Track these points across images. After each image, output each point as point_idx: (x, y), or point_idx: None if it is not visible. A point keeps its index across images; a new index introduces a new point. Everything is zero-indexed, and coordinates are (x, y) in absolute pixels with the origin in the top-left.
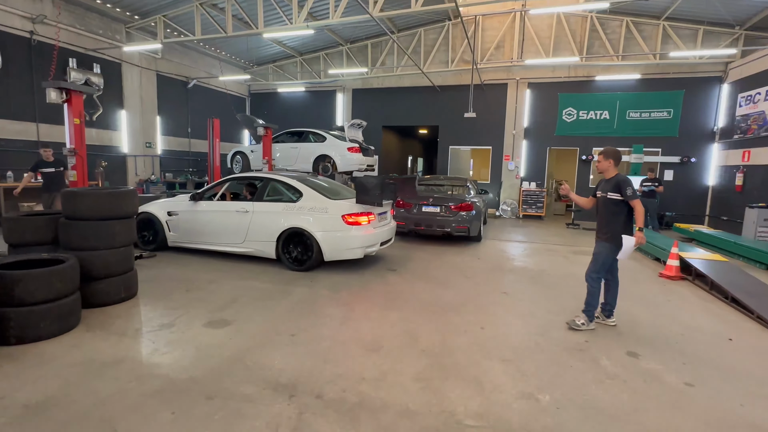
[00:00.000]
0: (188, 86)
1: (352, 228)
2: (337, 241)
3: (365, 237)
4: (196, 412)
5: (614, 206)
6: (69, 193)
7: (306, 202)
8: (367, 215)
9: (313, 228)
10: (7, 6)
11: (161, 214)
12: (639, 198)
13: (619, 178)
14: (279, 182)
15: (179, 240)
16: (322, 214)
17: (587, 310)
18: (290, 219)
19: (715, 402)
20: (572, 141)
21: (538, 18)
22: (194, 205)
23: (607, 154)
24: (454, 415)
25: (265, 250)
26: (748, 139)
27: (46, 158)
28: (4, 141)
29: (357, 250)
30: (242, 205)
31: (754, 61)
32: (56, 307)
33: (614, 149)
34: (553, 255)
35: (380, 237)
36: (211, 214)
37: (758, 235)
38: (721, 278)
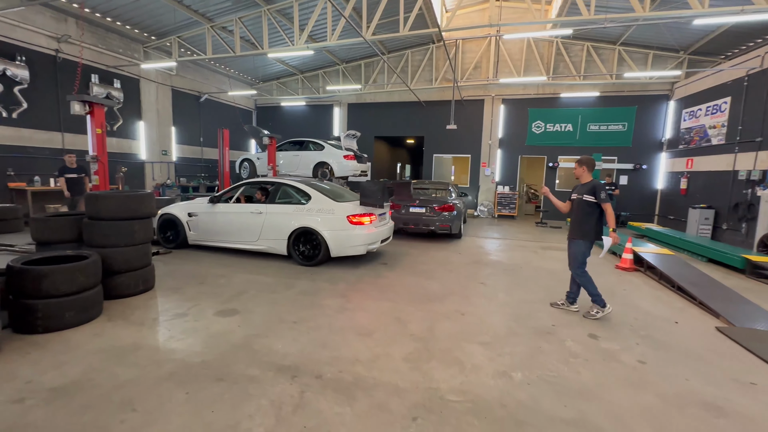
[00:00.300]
0: (200, 100)
1: (356, 227)
2: (343, 239)
3: (368, 235)
4: (207, 392)
5: (588, 208)
6: (92, 195)
7: (314, 204)
8: (369, 216)
9: (321, 227)
10: (35, 27)
11: (182, 215)
12: (610, 202)
13: (594, 183)
14: (290, 186)
15: (198, 238)
16: (329, 215)
17: (595, 300)
18: (300, 219)
19: (664, 377)
20: (541, 150)
21: (511, 42)
22: (213, 207)
23: (582, 162)
24: (438, 391)
25: (277, 247)
26: (691, 148)
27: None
28: (33, 149)
29: (360, 247)
30: (256, 207)
31: (695, 81)
32: (80, 299)
33: (589, 158)
34: (524, 250)
35: (381, 235)
36: (228, 216)
37: (699, 232)
38: (668, 270)
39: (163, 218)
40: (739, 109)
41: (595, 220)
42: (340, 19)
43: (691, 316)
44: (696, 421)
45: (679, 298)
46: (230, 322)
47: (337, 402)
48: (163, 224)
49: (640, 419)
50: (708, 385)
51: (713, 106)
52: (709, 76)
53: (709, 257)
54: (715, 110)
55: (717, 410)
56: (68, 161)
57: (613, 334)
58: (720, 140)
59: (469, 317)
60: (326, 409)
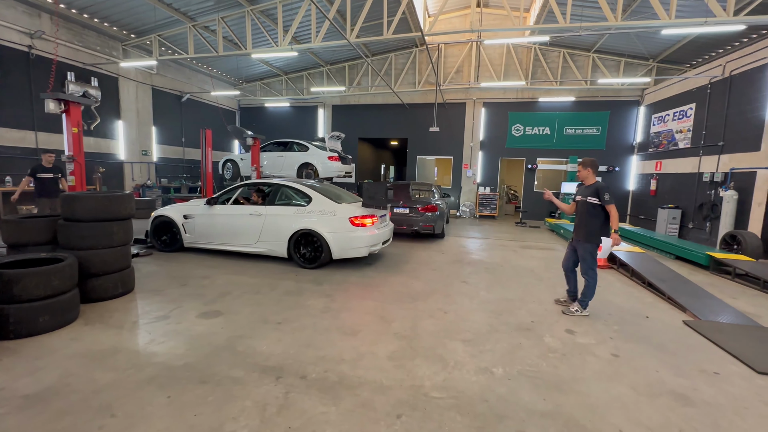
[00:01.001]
0: (182, 100)
1: (358, 229)
2: (345, 241)
3: (370, 237)
4: (190, 395)
5: (593, 210)
6: (68, 196)
7: (315, 205)
8: (371, 217)
9: (323, 229)
10: (6, 21)
11: (177, 217)
12: (614, 204)
13: (598, 185)
14: (290, 188)
15: (194, 241)
16: (330, 217)
17: (584, 301)
18: (301, 221)
19: (636, 369)
20: (520, 152)
21: (491, 47)
22: (209, 209)
23: (586, 164)
24: (422, 388)
25: (277, 249)
26: (660, 152)
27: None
28: (3, 148)
29: (362, 249)
30: (256, 208)
31: (664, 88)
32: (55, 303)
33: (592, 159)
34: (504, 249)
35: (382, 237)
36: (226, 217)
37: (668, 231)
38: (639, 267)
39: (157, 220)
40: (703, 115)
41: (600, 222)
42: (324, 21)
43: (660, 311)
44: (666, 410)
45: (649, 294)
46: (213, 323)
47: (322, 401)
48: (157, 227)
49: (614, 410)
50: (677, 376)
51: (680, 111)
52: (676, 84)
53: (677, 254)
54: (682, 116)
55: (685, 399)
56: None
57: (589, 329)
58: (686, 144)
59: (451, 315)
60: (311, 409)
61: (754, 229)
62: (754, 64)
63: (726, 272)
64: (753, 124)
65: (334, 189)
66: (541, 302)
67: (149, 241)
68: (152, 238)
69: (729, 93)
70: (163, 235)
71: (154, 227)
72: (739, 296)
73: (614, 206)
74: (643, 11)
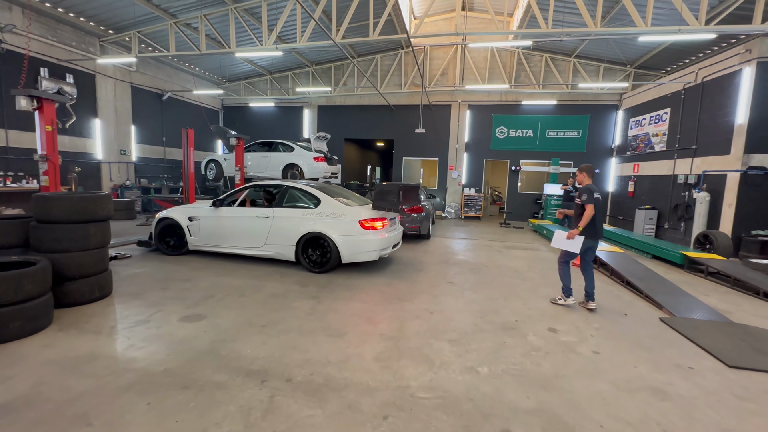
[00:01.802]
0: (163, 98)
1: (369, 232)
2: (355, 244)
3: (380, 240)
4: (171, 401)
5: (579, 208)
6: (41, 197)
7: (324, 208)
8: (381, 220)
9: (332, 232)
10: None
11: (182, 220)
12: (593, 203)
13: (583, 188)
14: (298, 189)
15: (200, 244)
16: (340, 220)
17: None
18: (310, 224)
19: (616, 366)
20: (504, 154)
21: (476, 51)
22: (215, 211)
23: (582, 169)
24: (408, 389)
25: (284, 253)
26: (637, 154)
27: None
28: None
29: (373, 252)
30: (263, 210)
31: (641, 93)
32: (27, 308)
33: (588, 165)
34: (489, 250)
35: (392, 240)
36: (232, 220)
37: (645, 231)
38: (618, 266)
39: (162, 223)
40: (678, 119)
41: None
42: (310, 20)
43: (638, 309)
44: (644, 404)
45: (628, 292)
46: (196, 327)
47: (308, 404)
48: (163, 229)
49: (595, 405)
50: (654, 372)
51: (656, 116)
52: (652, 89)
53: (654, 254)
54: (658, 120)
55: (662, 394)
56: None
57: (571, 327)
58: (662, 147)
59: (437, 315)
60: (297, 412)
61: (725, 229)
62: (724, 72)
63: (699, 270)
64: (723, 128)
65: (344, 191)
66: (525, 301)
67: (153, 243)
68: (157, 241)
69: (701, 98)
70: (168, 238)
71: (159, 230)
72: (712, 293)
73: (591, 206)
74: (621, 18)
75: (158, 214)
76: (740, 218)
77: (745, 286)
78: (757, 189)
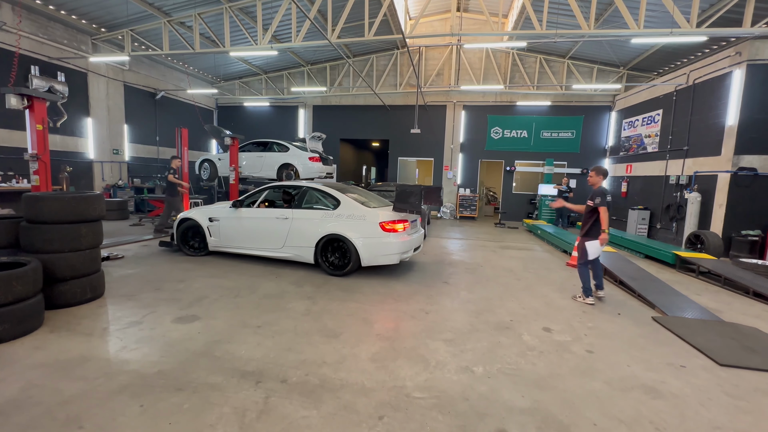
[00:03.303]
0: (156, 97)
1: (390, 235)
2: (375, 247)
3: (402, 243)
4: (165, 403)
5: (590, 211)
6: (31, 197)
7: (344, 209)
8: (402, 222)
9: (352, 235)
10: None
11: (203, 220)
12: (605, 206)
13: (595, 190)
14: (317, 191)
15: (220, 245)
16: (360, 222)
17: (584, 289)
18: (329, 226)
19: (609, 365)
20: (498, 155)
21: (471, 51)
22: (235, 212)
23: (595, 171)
24: (404, 389)
25: (303, 255)
26: (630, 155)
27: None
28: None
29: (394, 256)
30: (282, 212)
31: (633, 94)
32: (17, 310)
33: (601, 167)
34: (484, 250)
35: (414, 243)
36: (251, 221)
37: (638, 231)
38: (612, 265)
39: (185, 224)
40: (670, 121)
41: (593, 222)
42: (305, 20)
43: (631, 308)
44: (637, 403)
45: (621, 291)
46: (190, 328)
47: (304, 405)
48: (184, 230)
49: (589, 404)
50: (647, 370)
51: (648, 117)
52: (645, 90)
53: (646, 254)
54: (650, 121)
55: (655, 392)
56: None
57: (565, 326)
58: (654, 148)
59: (433, 315)
60: (292, 413)
61: (716, 229)
62: (714, 74)
63: (691, 270)
64: (714, 129)
65: (363, 192)
66: (520, 301)
67: (175, 244)
68: (178, 241)
69: (693, 100)
70: (189, 239)
71: (181, 231)
72: (703, 293)
73: (604, 208)
74: (615, 20)
75: (180, 214)
76: (730, 218)
77: (735, 285)
78: (747, 189)
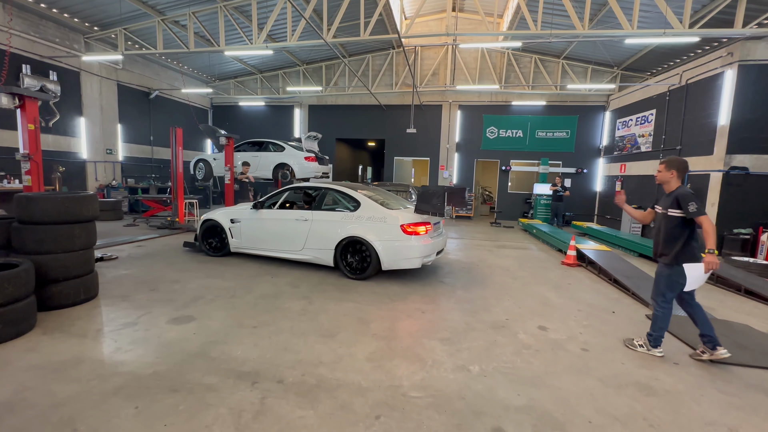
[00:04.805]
0: (150, 97)
1: (411, 238)
2: (397, 250)
3: (424, 247)
4: (160, 405)
5: (672, 223)
6: (23, 197)
7: (364, 211)
8: (425, 225)
9: (372, 237)
10: None
11: (225, 222)
12: (706, 214)
13: (677, 193)
14: (337, 192)
15: (241, 246)
16: (380, 224)
17: (650, 333)
18: (349, 228)
19: (604, 362)
20: (494, 154)
21: (467, 51)
22: (256, 213)
23: (670, 164)
24: (400, 388)
25: (323, 257)
26: (624, 155)
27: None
28: None
29: (416, 259)
30: (302, 213)
31: (627, 94)
32: (8, 312)
33: (677, 158)
34: (480, 249)
35: (436, 247)
36: (271, 222)
37: (632, 230)
38: (606, 264)
39: (206, 225)
40: (663, 120)
41: (683, 240)
42: (301, 19)
43: (625, 306)
44: (631, 400)
45: (615, 290)
46: (185, 329)
47: (300, 405)
48: (206, 231)
49: (584, 401)
50: (640, 368)
51: (642, 117)
52: (638, 90)
53: (640, 252)
54: (644, 121)
55: (648, 389)
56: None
57: (561, 325)
58: (648, 148)
59: (429, 315)
60: (288, 414)
61: None
62: (707, 74)
63: None
64: (707, 129)
65: (383, 193)
66: (516, 300)
67: (198, 245)
68: (201, 242)
69: (685, 100)
70: (212, 240)
71: (203, 231)
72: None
73: (706, 217)
74: (609, 21)
75: (203, 216)
76: (722, 217)
77: (727, 284)
78: (739, 188)
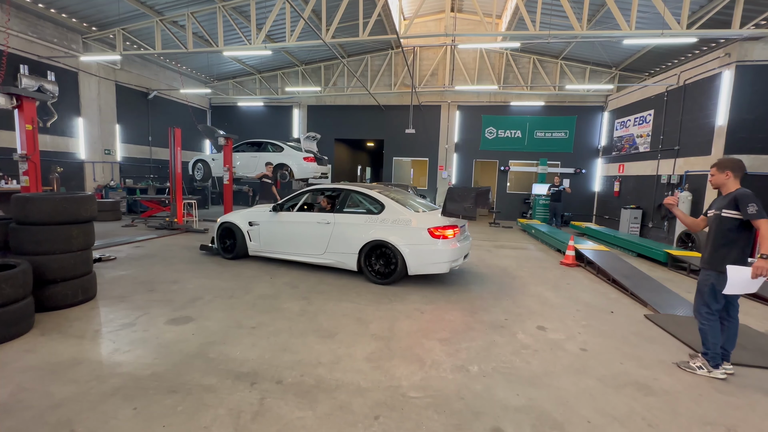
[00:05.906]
0: (149, 97)
1: (439, 241)
2: (424, 254)
3: (452, 251)
4: (158, 405)
5: (726, 226)
6: (20, 198)
7: (388, 214)
8: (452, 228)
9: (398, 241)
10: None
11: (243, 225)
12: (767, 218)
13: (736, 194)
14: (360, 194)
15: (260, 249)
16: (406, 227)
17: (705, 353)
18: (373, 231)
19: (602, 362)
20: (493, 155)
21: (465, 52)
22: (275, 216)
23: (724, 166)
24: (399, 389)
25: (346, 262)
26: (622, 155)
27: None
28: None
29: (443, 264)
30: (323, 216)
31: (625, 94)
32: (6, 313)
33: (730, 158)
34: (479, 249)
35: (464, 250)
36: (291, 225)
37: (630, 230)
38: (605, 264)
39: (223, 227)
40: (661, 121)
41: (739, 246)
42: (299, 20)
43: (624, 306)
44: (630, 400)
45: (614, 290)
46: (184, 330)
47: (299, 406)
48: (222, 234)
49: (583, 401)
50: (639, 368)
51: (640, 117)
52: (636, 91)
53: (638, 252)
54: (642, 121)
55: (647, 389)
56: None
57: (559, 325)
58: (646, 148)
59: (428, 315)
60: (287, 414)
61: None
62: (704, 74)
63: (682, 268)
64: (704, 129)
65: (407, 195)
66: (514, 300)
67: (215, 248)
68: (219, 245)
69: (683, 101)
70: (228, 243)
71: (219, 234)
72: (694, 290)
73: (766, 221)
74: (607, 22)
75: (219, 218)
76: None
77: None
78: None
